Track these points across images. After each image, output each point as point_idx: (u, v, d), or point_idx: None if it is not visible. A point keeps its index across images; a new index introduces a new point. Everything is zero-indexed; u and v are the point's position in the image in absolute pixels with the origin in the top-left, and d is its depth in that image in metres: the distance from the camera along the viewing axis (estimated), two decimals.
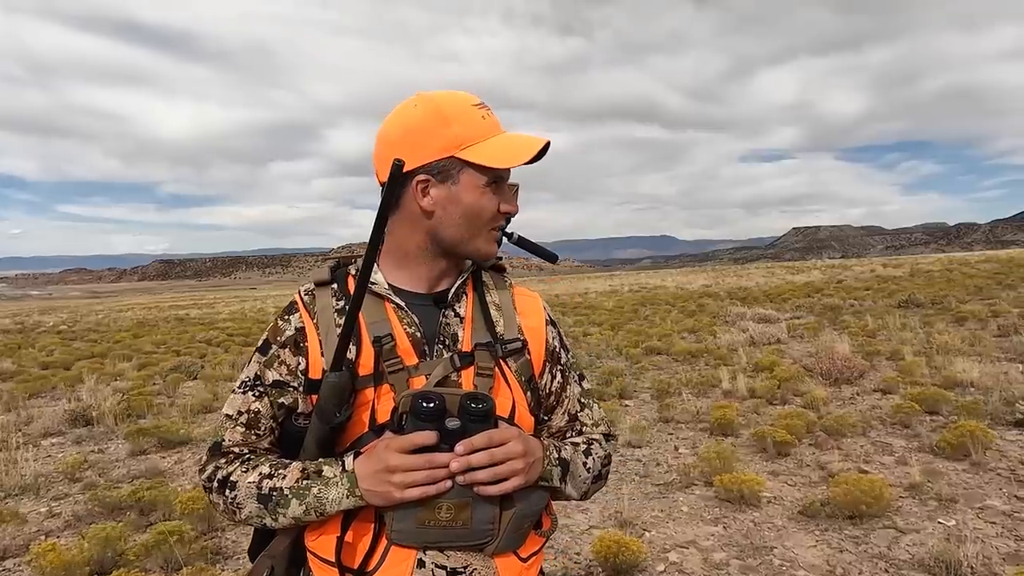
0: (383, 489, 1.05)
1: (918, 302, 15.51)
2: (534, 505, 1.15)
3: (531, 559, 1.21)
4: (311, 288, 1.26)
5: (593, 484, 1.29)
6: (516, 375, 1.23)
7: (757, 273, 41.93)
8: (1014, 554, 3.63)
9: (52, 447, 7.10)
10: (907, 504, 4.38)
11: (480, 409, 1.07)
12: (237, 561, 4.05)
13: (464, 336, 1.22)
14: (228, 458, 1.22)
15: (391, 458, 1.04)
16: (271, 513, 1.14)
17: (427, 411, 1.05)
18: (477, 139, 1.16)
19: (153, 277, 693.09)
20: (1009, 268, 25.01)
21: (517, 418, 1.20)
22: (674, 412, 7.07)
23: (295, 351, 1.22)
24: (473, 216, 1.19)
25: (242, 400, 1.24)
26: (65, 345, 18.79)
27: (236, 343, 17.06)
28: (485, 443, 1.05)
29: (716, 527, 4.25)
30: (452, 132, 1.15)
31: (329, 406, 1.10)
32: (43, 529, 4.72)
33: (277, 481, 1.14)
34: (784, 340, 11.83)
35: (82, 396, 8.74)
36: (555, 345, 1.34)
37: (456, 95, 1.19)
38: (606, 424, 1.38)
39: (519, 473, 1.08)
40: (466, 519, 1.08)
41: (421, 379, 1.16)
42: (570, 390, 1.35)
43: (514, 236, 1.31)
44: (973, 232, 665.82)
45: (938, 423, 6.00)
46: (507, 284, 1.34)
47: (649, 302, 23.18)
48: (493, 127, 1.19)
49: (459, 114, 1.16)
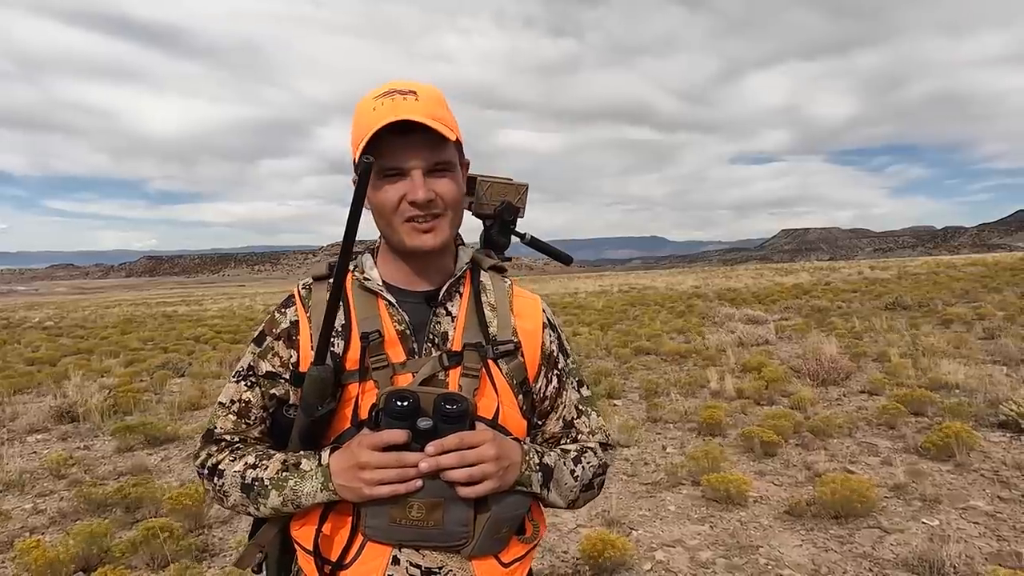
0: (354, 485, 1.06)
1: (905, 304, 15.63)
2: (511, 510, 1.14)
3: (514, 564, 1.19)
4: (309, 283, 1.27)
5: (583, 493, 1.27)
6: (507, 377, 1.21)
7: (746, 274, 42.13)
8: (996, 554, 3.67)
9: (37, 443, 7.04)
10: (892, 504, 4.42)
11: (454, 410, 1.06)
12: (224, 558, 4.03)
13: (455, 335, 1.21)
14: (219, 446, 1.24)
15: (362, 455, 1.05)
16: (253, 502, 1.16)
17: (400, 410, 1.05)
18: (361, 136, 1.12)
19: (141, 273, 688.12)
20: (995, 271, 25.23)
21: (503, 420, 1.19)
22: (662, 412, 7.09)
23: (288, 344, 1.23)
24: (377, 212, 1.18)
25: (235, 389, 1.25)
26: (51, 341, 18.65)
27: (224, 340, 16.97)
28: (456, 444, 1.05)
29: (703, 526, 4.27)
30: (353, 135, 1.16)
31: (311, 399, 1.11)
32: (28, 526, 4.69)
33: (259, 472, 1.15)
34: (772, 341, 11.90)
35: (68, 392, 8.67)
36: (552, 349, 1.31)
37: (369, 92, 1.18)
38: (604, 433, 1.34)
39: (491, 476, 1.06)
40: (438, 520, 1.07)
41: (407, 376, 1.16)
42: (566, 396, 1.32)
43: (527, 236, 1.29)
44: (960, 235, 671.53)
45: (923, 424, 6.06)
46: (507, 285, 1.32)
47: (639, 302, 23.23)
48: (381, 116, 1.11)
49: (358, 114, 1.16)
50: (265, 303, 38.89)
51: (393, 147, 1.12)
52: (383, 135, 1.10)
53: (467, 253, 1.32)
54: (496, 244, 1.50)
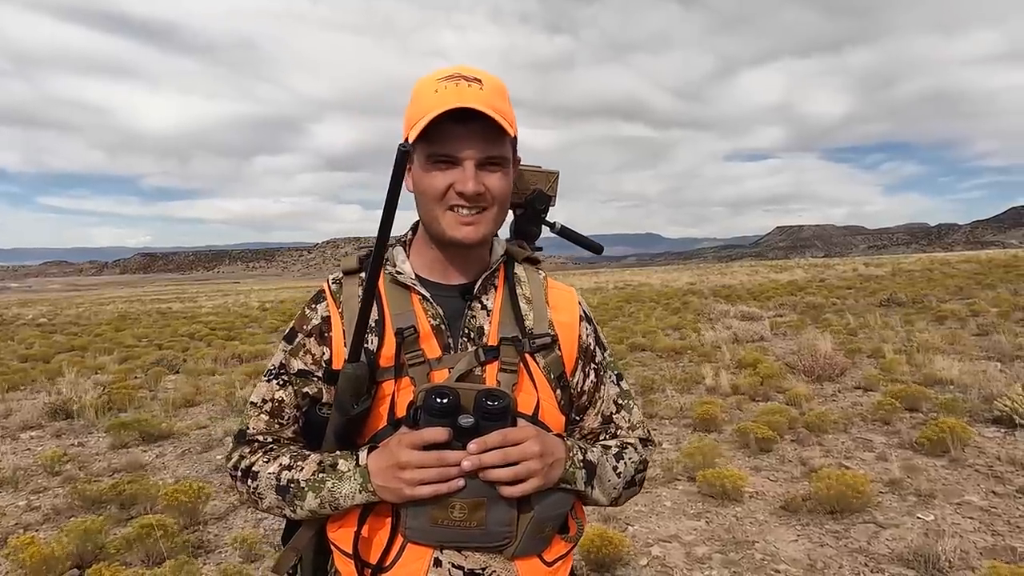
0: (394, 485, 1.03)
1: (899, 301, 15.68)
2: (555, 508, 1.11)
3: (557, 563, 1.16)
4: (339, 277, 1.23)
5: (625, 490, 1.23)
6: (544, 371, 1.18)
7: (741, 271, 42.18)
8: (991, 548, 3.68)
9: (31, 440, 7.02)
10: (887, 499, 4.43)
11: (496, 406, 1.03)
12: (220, 555, 4.03)
13: (491, 330, 1.18)
14: (252, 447, 1.21)
15: (402, 454, 1.02)
16: (289, 505, 1.13)
17: (440, 407, 1.02)
18: (419, 116, 1.08)
19: (135, 270, 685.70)
20: (988, 268, 25.32)
21: (542, 416, 1.16)
22: (658, 408, 7.10)
23: (320, 340, 1.20)
24: (420, 195, 1.15)
25: (267, 388, 1.22)
26: (45, 338, 18.54)
27: (219, 337, 16.91)
28: (499, 442, 1.02)
29: (699, 522, 4.28)
30: (409, 112, 1.13)
31: (346, 397, 1.08)
32: (22, 523, 4.67)
33: (295, 473, 1.12)
34: (767, 338, 11.92)
35: (62, 389, 8.64)
36: (589, 342, 1.28)
37: (434, 71, 1.15)
38: (644, 428, 1.31)
39: (535, 474, 1.04)
40: (480, 520, 1.04)
41: (443, 372, 1.13)
42: (605, 390, 1.29)
43: (556, 225, 1.27)
44: (954, 233, 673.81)
45: (918, 420, 6.07)
46: (541, 277, 1.28)
47: (634, 299, 23.24)
48: (443, 100, 1.07)
49: (417, 93, 1.13)
50: (260, 300, 38.78)
51: (450, 134, 1.09)
52: (442, 119, 1.06)
53: (501, 245, 1.28)
54: (527, 234, 1.45)
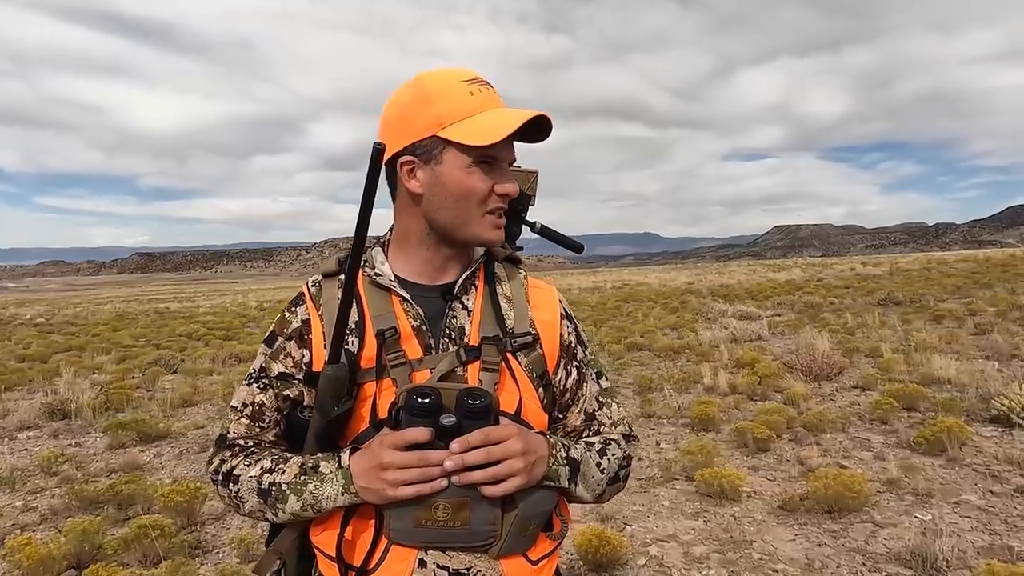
0: (377, 487, 1.03)
1: (897, 300, 15.70)
2: (539, 506, 1.10)
3: (542, 562, 1.16)
4: (319, 279, 1.23)
5: (609, 486, 1.23)
6: (526, 370, 1.18)
7: (739, 271, 42.21)
8: (988, 548, 3.69)
9: (28, 441, 7.00)
10: (885, 499, 4.43)
11: (477, 405, 1.02)
12: (217, 555, 4.02)
13: (471, 329, 1.18)
14: (233, 451, 1.21)
15: (384, 454, 1.01)
16: (271, 508, 1.12)
17: (421, 407, 1.01)
18: (461, 116, 1.09)
19: (133, 270, 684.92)
20: (986, 268, 25.35)
21: (525, 414, 1.15)
22: (656, 408, 7.10)
23: (300, 343, 1.20)
24: (461, 198, 1.13)
25: (247, 392, 1.22)
26: (42, 338, 18.51)
27: (216, 337, 16.90)
28: (481, 440, 1.01)
29: (697, 521, 4.28)
30: (434, 111, 1.11)
31: (327, 399, 1.08)
32: (19, 523, 4.66)
33: (276, 476, 1.12)
34: (765, 337, 11.92)
35: (59, 389, 8.62)
36: (571, 340, 1.28)
37: (447, 72, 1.15)
38: (626, 424, 1.31)
39: (518, 473, 1.03)
40: (464, 519, 1.04)
41: (425, 373, 1.12)
42: (587, 388, 1.29)
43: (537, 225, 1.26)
44: (951, 232, 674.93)
45: (915, 419, 6.08)
46: (521, 276, 1.28)
47: (632, 299, 23.25)
48: (483, 103, 1.11)
49: (443, 91, 1.11)
50: (258, 300, 38.76)
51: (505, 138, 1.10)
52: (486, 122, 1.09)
53: None
54: (508, 233, 1.44)
